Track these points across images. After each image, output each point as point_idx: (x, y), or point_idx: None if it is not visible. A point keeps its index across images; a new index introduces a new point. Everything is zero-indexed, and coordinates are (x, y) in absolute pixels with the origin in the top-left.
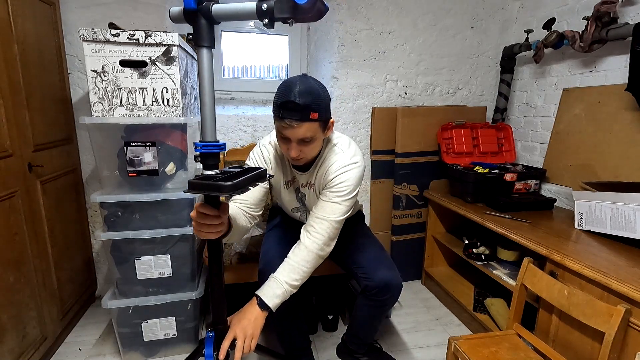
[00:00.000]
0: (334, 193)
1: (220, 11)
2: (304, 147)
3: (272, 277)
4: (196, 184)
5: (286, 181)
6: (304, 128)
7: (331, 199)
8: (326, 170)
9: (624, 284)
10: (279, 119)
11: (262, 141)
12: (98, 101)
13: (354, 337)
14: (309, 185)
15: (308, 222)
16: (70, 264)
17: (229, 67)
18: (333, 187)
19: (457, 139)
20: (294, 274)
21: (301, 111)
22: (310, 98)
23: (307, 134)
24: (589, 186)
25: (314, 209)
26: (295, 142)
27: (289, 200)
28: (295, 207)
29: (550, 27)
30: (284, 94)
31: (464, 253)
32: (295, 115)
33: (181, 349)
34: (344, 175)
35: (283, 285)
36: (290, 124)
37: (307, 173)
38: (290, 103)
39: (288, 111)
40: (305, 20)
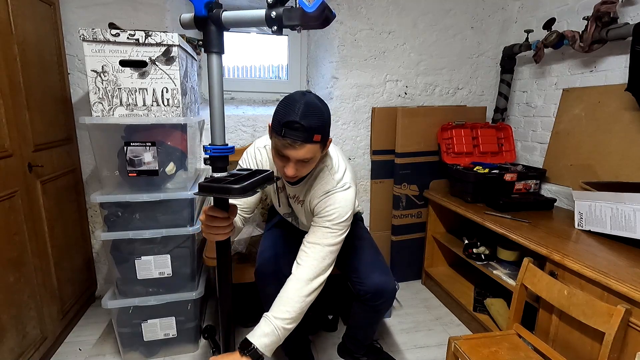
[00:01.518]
0: (323, 218)
1: (230, 18)
2: (301, 167)
3: (264, 315)
4: (206, 186)
5: (278, 187)
6: (305, 149)
7: (320, 224)
8: (315, 193)
9: (623, 284)
10: (281, 137)
11: (257, 142)
12: (98, 101)
13: (352, 338)
14: (297, 200)
15: (300, 249)
16: (70, 264)
17: (229, 67)
18: (320, 213)
19: (457, 139)
20: (284, 306)
21: (305, 132)
22: (315, 120)
23: (308, 155)
24: (589, 186)
25: (306, 236)
26: (294, 162)
27: (282, 205)
28: (287, 213)
29: (550, 27)
30: (288, 113)
31: (464, 253)
32: (299, 136)
33: (181, 349)
34: (328, 200)
35: (272, 321)
36: (293, 144)
37: (296, 187)
38: (296, 124)
39: (292, 131)
40: (312, 27)
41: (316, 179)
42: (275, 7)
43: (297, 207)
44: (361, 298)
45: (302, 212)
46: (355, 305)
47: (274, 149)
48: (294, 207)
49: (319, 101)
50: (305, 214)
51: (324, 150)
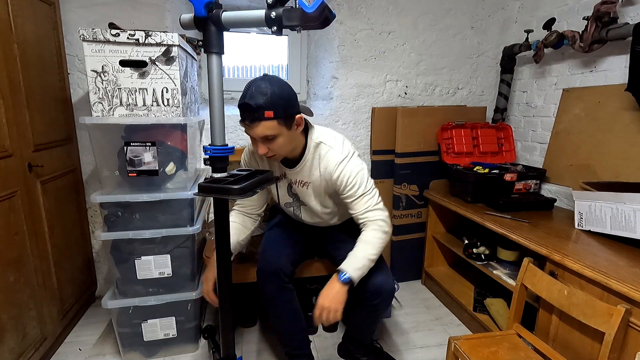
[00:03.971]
0: (353, 189)
1: (230, 19)
2: (271, 145)
3: (351, 254)
4: (206, 187)
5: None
6: (261, 126)
7: (355, 195)
8: (325, 171)
9: (624, 284)
10: (240, 121)
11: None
12: (98, 101)
13: (352, 338)
14: (302, 184)
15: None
16: (70, 264)
17: (229, 67)
18: (347, 186)
19: (457, 139)
20: (372, 249)
21: (254, 112)
22: (263, 99)
23: (267, 132)
24: (589, 186)
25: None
26: (260, 141)
27: (281, 195)
28: (288, 202)
29: (550, 27)
30: (242, 96)
31: (464, 253)
32: (249, 116)
33: (181, 349)
34: (345, 170)
35: (362, 260)
36: (250, 124)
37: (295, 170)
38: (245, 105)
39: (244, 112)
40: (312, 28)
41: (315, 157)
42: (275, 7)
43: (304, 191)
44: (360, 297)
45: (311, 194)
46: (354, 305)
47: None
48: (300, 193)
49: (274, 82)
50: (316, 195)
51: (296, 128)
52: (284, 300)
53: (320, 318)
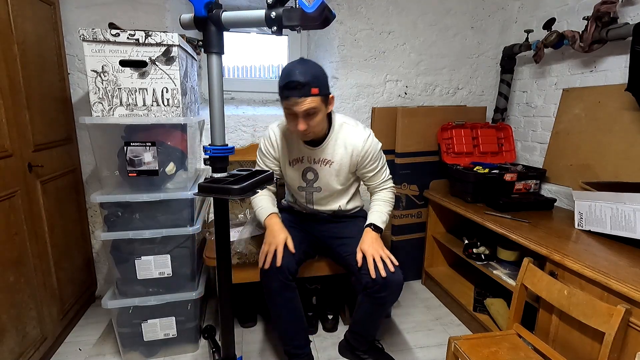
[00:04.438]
0: (375, 163)
1: (230, 19)
2: (310, 121)
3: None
4: (206, 187)
5: (291, 160)
6: (307, 102)
7: (377, 169)
8: (352, 147)
9: (624, 284)
10: (285, 99)
11: (270, 126)
12: (98, 101)
13: (356, 334)
14: (325, 162)
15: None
16: (70, 264)
17: (229, 67)
18: (372, 160)
19: (457, 139)
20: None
21: (303, 88)
22: (310, 76)
23: (311, 106)
24: (589, 186)
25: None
26: (302, 117)
27: (294, 178)
28: (300, 186)
29: (550, 27)
30: (287, 76)
31: (464, 253)
32: (297, 92)
33: (181, 349)
34: (372, 145)
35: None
36: (296, 100)
37: (319, 148)
38: (293, 82)
39: (291, 90)
40: (312, 28)
41: (340, 136)
42: (275, 7)
43: (324, 170)
44: (368, 290)
45: (332, 172)
46: (361, 299)
47: (285, 113)
48: (320, 172)
49: (313, 62)
50: (337, 172)
51: (328, 106)
52: (286, 298)
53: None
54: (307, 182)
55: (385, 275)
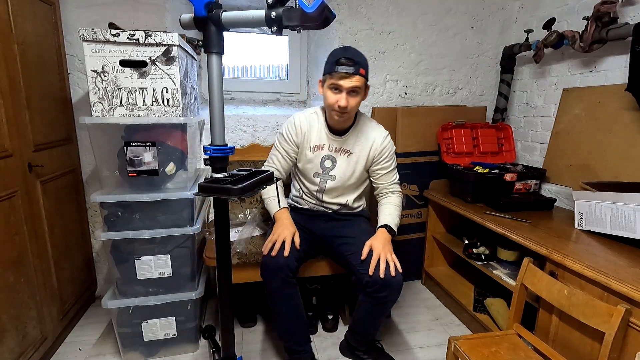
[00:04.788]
0: (389, 162)
1: (230, 19)
2: (351, 99)
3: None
4: (205, 187)
5: (313, 146)
6: (355, 78)
7: (389, 168)
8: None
9: (624, 284)
10: (336, 73)
11: (295, 114)
12: (98, 101)
13: (356, 333)
14: (344, 151)
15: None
16: (70, 264)
17: (229, 67)
18: (386, 158)
19: (457, 139)
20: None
21: (354, 65)
22: (360, 57)
23: (357, 84)
24: (589, 186)
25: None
26: (346, 92)
27: (312, 165)
28: (317, 173)
29: (550, 27)
30: (339, 53)
31: (464, 253)
32: (349, 68)
33: (181, 349)
34: (389, 144)
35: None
36: (346, 75)
37: (342, 138)
38: (346, 58)
39: (344, 65)
40: (312, 28)
41: (363, 129)
42: (275, 7)
43: (342, 159)
44: (368, 290)
45: (348, 162)
46: (361, 299)
47: (328, 88)
48: (338, 161)
49: None
50: (354, 166)
51: (365, 95)
52: (287, 295)
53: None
54: (324, 169)
55: (383, 276)
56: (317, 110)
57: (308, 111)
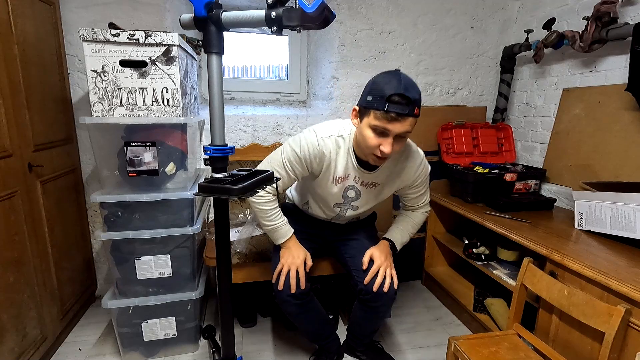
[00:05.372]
0: (422, 185)
1: (230, 19)
2: (396, 144)
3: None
4: (206, 187)
5: (336, 177)
6: (408, 122)
7: (422, 191)
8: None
9: (624, 284)
10: (384, 112)
11: (318, 131)
12: (98, 101)
13: (353, 335)
14: (371, 185)
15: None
16: (70, 264)
17: (229, 67)
18: (421, 183)
19: (457, 139)
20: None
21: (410, 105)
22: (416, 93)
23: (409, 129)
24: (589, 186)
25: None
26: (395, 137)
27: (334, 195)
28: (337, 203)
29: (550, 27)
30: (390, 87)
31: (464, 253)
32: (404, 108)
33: (181, 349)
34: (425, 168)
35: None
36: (397, 117)
37: (374, 172)
38: (401, 96)
39: (396, 104)
40: (312, 28)
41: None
42: (275, 7)
43: (368, 191)
44: (361, 297)
45: (375, 193)
46: (356, 304)
47: (370, 127)
48: (363, 192)
49: None
50: (380, 194)
51: None
52: (307, 314)
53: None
54: (346, 199)
55: (376, 290)
56: (344, 134)
57: (332, 131)
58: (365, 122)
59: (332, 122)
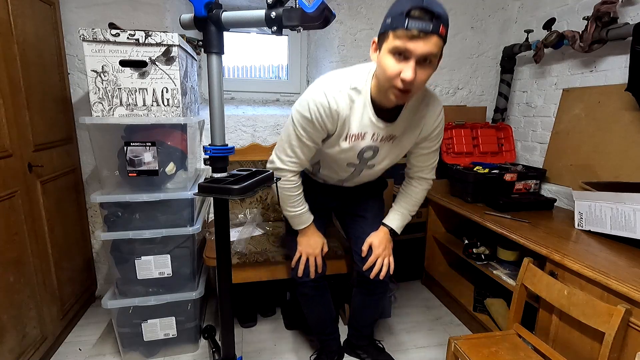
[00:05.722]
0: (436, 141)
1: (230, 19)
2: (420, 72)
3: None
4: (206, 187)
5: (350, 135)
6: (432, 42)
7: (433, 148)
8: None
9: (624, 284)
10: (403, 30)
11: (327, 89)
12: (98, 101)
13: (353, 328)
14: (389, 138)
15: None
16: (70, 264)
17: (229, 67)
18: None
19: (457, 139)
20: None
21: (434, 20)
22: (441, 9)
23: (434, 50)
24: (589, 186)
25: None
26: (416, 61)
27: (346, 156)
28: (351, 163)
29: (550, 27)
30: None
31: (464, 253)
32: (427, 24)
33: (181, 349)
34: (442, 120)
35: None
36: (419, 35)
37: (393, 124)
38: (423, 10)
39: (417, 20)
40: (312, 28)
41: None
42: (275, 7)
43: (385, 147)
44: (359, 280)
45: (392, 149)
46: (355, 291)
47: (390, 52)
48: (380, 149)
49: None
50: (397, 150)
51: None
52: (320, 298)
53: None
54: (362, 159)
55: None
56: (358, 85)
57: (344, 84)
58: (385, 48)
59: (342, 72)
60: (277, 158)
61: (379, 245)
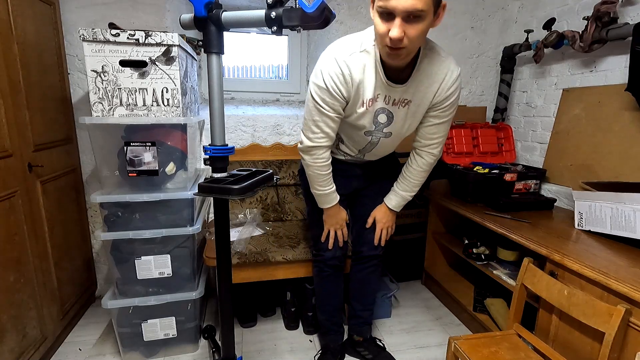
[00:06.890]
0: (450, 110)
1: (230, 19)
2: (409, 28)
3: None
4: (206, 187)
5: (366, 100)
6: None
7: (447, 117)
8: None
9: (624, 284)
10: None
11: (338, 54)
12: (98, 101)
13: (354, 317)
14: (402, 103)
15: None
16: (70, 264)
17: (229, 67)
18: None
19: (457, 139)
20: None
21: None
22: None
23: (418, 5)
24: (589, 186)
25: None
26: (402, 17)
27: (363, 122)
28: (368, 130)
29: (550, 27)
30: None
31: (464, 253)
32: None
33: (181, 349)
34: (458, 87)
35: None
36: None
37: (404, 86)
38: None
39: None
40: (312, 28)
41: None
42: (275, 7)
43: (400, 112)
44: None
45: (407, 114)
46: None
47: (377, 11)
48: (395, 114)
49: None
50: (412, 115)
51: (436, 20)
52: (336, 280)
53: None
54: (377, 125)
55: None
56: (367, 47)
57: (354, 47)
58: (374, 8)
59: (350, 37)
60: (305, 137)
61: (382, 219)
